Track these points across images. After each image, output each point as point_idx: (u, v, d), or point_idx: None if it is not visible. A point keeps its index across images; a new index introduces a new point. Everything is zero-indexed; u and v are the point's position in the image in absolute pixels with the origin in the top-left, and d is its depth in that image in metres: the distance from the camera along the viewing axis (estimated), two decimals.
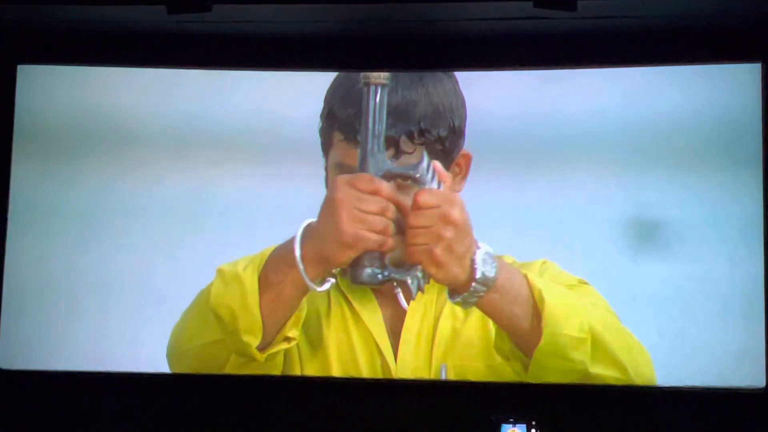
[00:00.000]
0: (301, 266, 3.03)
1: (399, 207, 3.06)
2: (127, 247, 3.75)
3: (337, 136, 3.36)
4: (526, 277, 3.11)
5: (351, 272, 3.07)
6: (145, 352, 3.66)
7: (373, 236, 2.99)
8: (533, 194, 3.65)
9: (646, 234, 3.61)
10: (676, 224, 3.60)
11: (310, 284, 3.06)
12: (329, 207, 3.02)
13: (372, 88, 3.09)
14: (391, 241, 3.04)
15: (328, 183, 3.38)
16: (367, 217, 2.99)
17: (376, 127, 3.09)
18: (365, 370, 3.44)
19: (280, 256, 3.10)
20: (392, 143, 3.28)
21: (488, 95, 3.65)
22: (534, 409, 3.45)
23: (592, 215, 3.63)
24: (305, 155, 3.54)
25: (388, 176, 3.07)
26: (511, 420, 3.39)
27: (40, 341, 3.77)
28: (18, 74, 3.87)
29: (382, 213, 3.00)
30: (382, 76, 3.10)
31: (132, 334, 3.72)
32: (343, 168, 3.32)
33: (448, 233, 2.97)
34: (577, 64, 3.71)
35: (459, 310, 3.38)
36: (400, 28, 3.75)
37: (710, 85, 3.62)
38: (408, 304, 3.33)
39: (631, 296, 3.57)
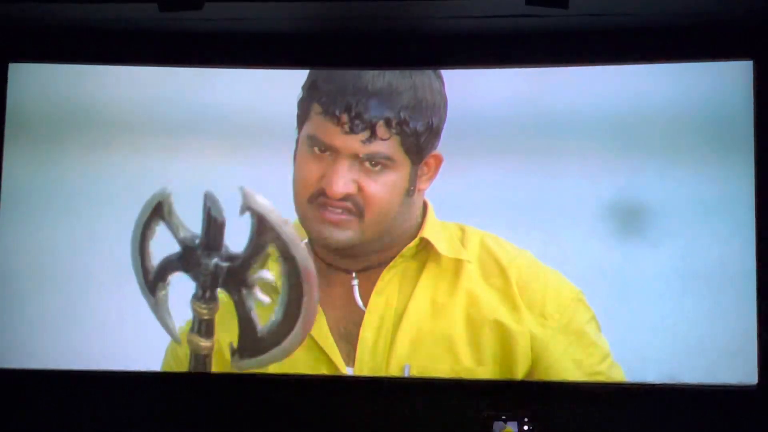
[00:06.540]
0: None
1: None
2: (117, 242, 3.72)
3: (316, 109, 3.44)
4: None
5: None
6: (136, 350, 3.67)
7: None
8: (527, 187, 3.64)
9: (638, 230, 3.60)
10: (668, 220, 3.59)
11: None
12: None
13: None
14: None
15: (296, 156, 3.47)
16: None
17: None
18: (305, 369, 3.47)
19: None
20: (368, 125, 3.36)
21: (483, 89, 3.66)
22: (526, 407, 3.45)
23: (585, 212, 3.62)
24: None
25: None
26: (503, 417, 3.37)
27: (25, 339, 3.76)
28: (9, 72, 3.87)
29: None
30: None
31: (123, 333, 3.70)
32: (315, 141, 3.41)
33: None
34: (570, 61, 3.71)
35: (426, 308, 3.44)
36: (391, 25, 3.75)
37: (702, 82, 3.63)
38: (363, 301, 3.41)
39: (622, 293, 3.57)
